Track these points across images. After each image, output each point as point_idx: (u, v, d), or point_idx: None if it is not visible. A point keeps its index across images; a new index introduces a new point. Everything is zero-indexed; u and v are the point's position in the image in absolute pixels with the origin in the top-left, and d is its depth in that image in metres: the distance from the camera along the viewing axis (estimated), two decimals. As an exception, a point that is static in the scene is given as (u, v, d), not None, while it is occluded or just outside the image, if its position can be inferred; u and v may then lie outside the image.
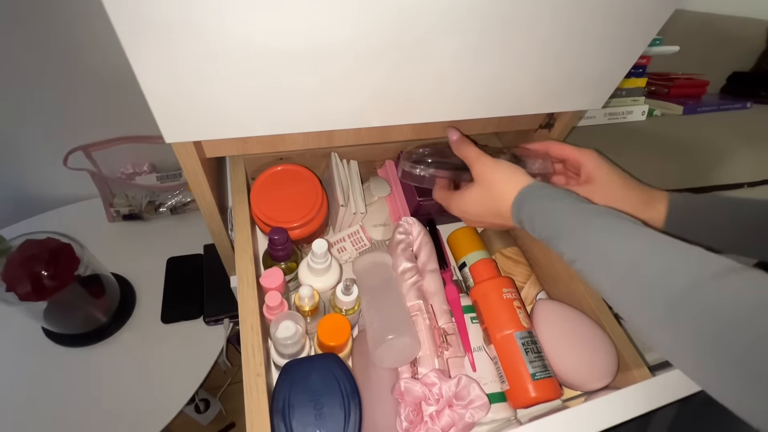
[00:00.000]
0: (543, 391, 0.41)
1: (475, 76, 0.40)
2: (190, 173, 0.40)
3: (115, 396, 0.73)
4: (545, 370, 0.42)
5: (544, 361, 0.43)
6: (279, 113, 0.36)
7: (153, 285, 0.87)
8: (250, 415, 0.34)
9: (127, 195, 0.93)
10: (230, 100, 0.34)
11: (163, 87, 0.30)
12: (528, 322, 0.45)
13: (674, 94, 0.92)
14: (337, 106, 0.38)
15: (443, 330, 0.45)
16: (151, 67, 0.29)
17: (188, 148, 0.37)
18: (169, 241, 0.93)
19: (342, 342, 0.40)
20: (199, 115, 0.33)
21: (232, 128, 0.36)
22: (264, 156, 0.53)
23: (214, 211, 0.46)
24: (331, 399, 0.36)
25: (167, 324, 0.83)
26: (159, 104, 0.31)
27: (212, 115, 0.34)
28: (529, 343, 0.44)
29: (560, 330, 0.45)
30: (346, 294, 0.42)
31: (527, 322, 0.45)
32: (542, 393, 0.41)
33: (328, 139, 0.45)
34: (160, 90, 0.30)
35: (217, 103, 0.33)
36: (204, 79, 0.32)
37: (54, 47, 0.71)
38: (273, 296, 0.39)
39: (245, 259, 0.43)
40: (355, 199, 0.53)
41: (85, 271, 0.71)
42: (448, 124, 0.48)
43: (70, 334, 0.79)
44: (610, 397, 0.29)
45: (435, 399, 0.39)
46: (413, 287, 0.48)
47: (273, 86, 0.34)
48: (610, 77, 0.45)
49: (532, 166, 0.49)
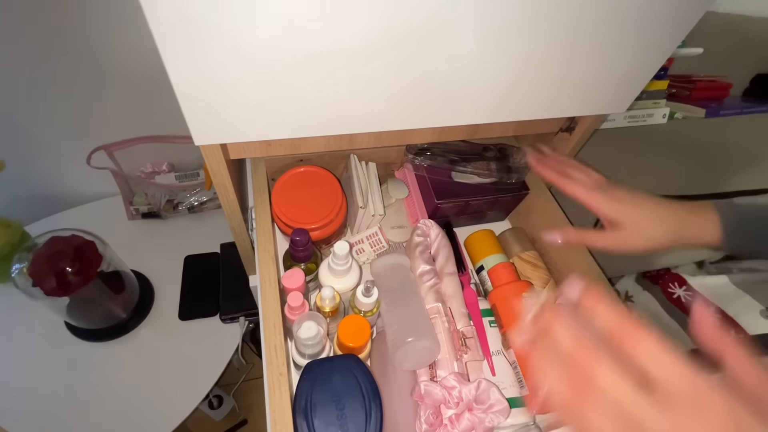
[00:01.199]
0: None
1: (499, 80, 0.40)
2: (216, 174, 0.40)
3: (132, 391, 0.74)
4: None
5: None
6: (305, 117, 0.37)
7: (171, 282, 0.89)
8: (273, 414, 0.35)
9: (147, 194, 0.95)
10: (258, 103, 0.34)
11: (195, 90, 0.31)
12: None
13: (696, 96, 0.90)
14: (361, 109, 0.38)
15: (462, 333, 0.45)
16: (184, 70, 0.30)
17: (215, 150, 0.38)
18: (187, 240, 0.95)
19: (362, 343, 0.41)
20: (228, 119, 0.34)
21: (259, 131, 0.36)
22: (284, 158, 0.54)
23: (236, 211, 0.47)
24: (352, 400, 0.36)
25: (184, 321, 0.84)
26: (191, 107, 0.32)
27: (240, 118, 0.34)
28: None
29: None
30: (367, 296, 0.43)
31: None
32: None
33: (350, 141, 0.46)
34: (193, 93, 0.31)
35: (246, 106, 0.34)
36: (233, 83, 0.32)
37: (80, 50, 0.73)
38: (295, 297, 0.40)
39: (267, 260, 0.43)
40: (373, 200, 0.54)
41: (108, 267, 0.73)
42: (469, 126, 0.48)
43: (91, 329, 0.81)
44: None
45: (455, 402, 0.39)
46: (431, 290, 0.49)
47: (299, 89, 0.35)
48: (636, 81, 0.45)
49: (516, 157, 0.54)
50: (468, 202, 0.56)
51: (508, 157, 0.58)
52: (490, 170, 0.57)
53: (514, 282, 0.49)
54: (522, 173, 0.57)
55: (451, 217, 0.60)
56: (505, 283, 0.49)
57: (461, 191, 0.56)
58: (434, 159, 0.55)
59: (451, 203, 0.55)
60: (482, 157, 0.57)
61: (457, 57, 0.36)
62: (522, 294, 0.47)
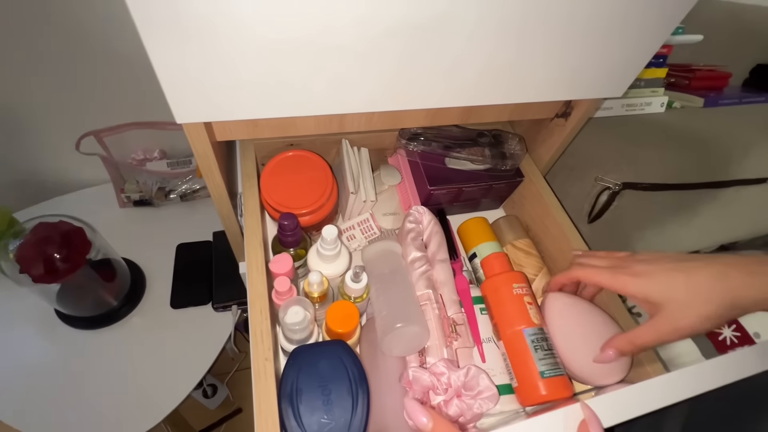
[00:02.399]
0: (553, 389, 0.40)
1: (492, 61, 0.39)
2: (201, 156, 0.39)
3: (123, 378, 0.74)
4: (556, 368, 0.41)
5: (555, 358, 0.42)
6: (290, 95, 0.36)
7: (163, 270, 0.88)
8: (259, 399, 0.34)
9: (138, 181, 0.93)
10: (242, 80, 0.33)
11: (174, 65, 0.30)
12: (539, 318, 0.45)
13: (695, 86, 0.89)
14: (350, 88, 0.37)
15: (453, 320, 0.45)
16: (162, 45, 0.29)
17: (199, 129, 0.37)
18: (179, 228, 0.94)
19: (350, 329, 0.40)
20: (211, 96, 0.33)
21: (244, 110, 0.35)
22: (274, 142, 0.53)
23: (224, 196, 0.46)
24: (339, 385, 0.35)
25: (176, 309, 0.84)
26: (170, 83, 0.31)
27: (224, 95, 0.33)
28: (539, 339, 0.43)
29: (573, 323, 0.44)
30: (356, 281, 0.42)
31: (538, 318, 0.44)
32: (552, 391, 0.40)
33: (340, 124, 0.45)
34: (172, 68, 0.30)
35: (229, 83, 0.33)
36: (215, 59, 0.31)
37: (68, 32, 0.72)
38: (282, 281, 0.39)
39: (255, 244, 0.42)
40: (365, 186, 0.53)
41: (97, 254, 0.72)
42: (462, 109, 0.47)
43: (82, 317, 0.80)
44: (623, 391, 0.28)
45: (443, 388, 0.39)
46: (423, 276, 0.48)
47: (285, 67, 0.33)
48: (632, 65, 0.44)
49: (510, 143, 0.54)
50: (461, 189, 0.56)
51: (502, 144, 0.57)
52: (484, 156, 0.56)
53: (506, 273, 0.48)
54: (517, 160, 0.56)
55: (444, 204, 0.59)
56: (497, 274, 0.48)
57: (455, 178, 0.55)
58: (427, 144, 0.54)
59: (445, 189, 0.55)
60: (476, 143, 0.56)
61: (450, 37, 0.35)
62: (513, 285, 0.47)
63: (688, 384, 0.28)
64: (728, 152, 0.70)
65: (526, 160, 0.59)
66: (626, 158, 0.61)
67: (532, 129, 0.60)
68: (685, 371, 0.29)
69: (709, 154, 0.69)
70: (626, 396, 0.28)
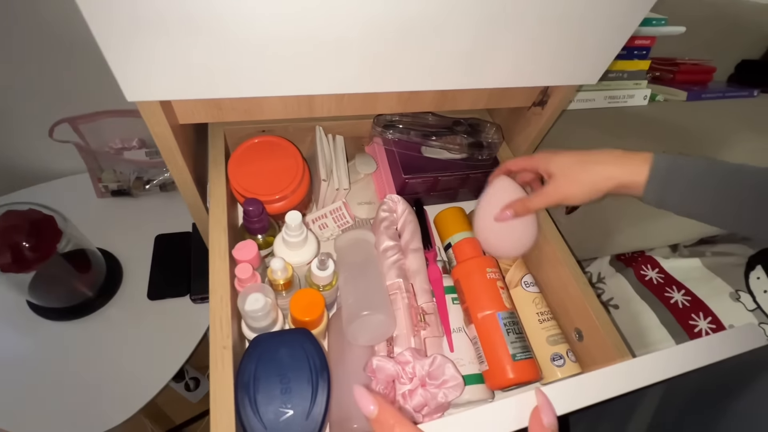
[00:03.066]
0: (521, 372, 0.40)
1: (466, 45, 0.38)
2: (160, 138, 0.38)
3: (99, 370, 0.73)
4: (525, 351, 0.41)
5: (524, 342, 0.42)
6: (251, 73, 0.34)
7: (140, 262, 0.87)
8: (214, 388, 0.33)
9: (115, 170, 0.91)
10: (194, 56, 0.32)
11: (119, 38, 0.28)
12: (510, 302, 0.44)
13: (679, 79, 0.89)
14: (315, 67, 0.36)
15: (422, 309, 0.44)
16: (105, 16, 0.27)
17: (155, 110, 0.35)
18: (158, 219, 0.92)
19: (315, 317, 0.39)
20: (162, 72, 0.31)
21: (199, 88, 0.34)
22: (245, 128, 0.51)
23: (188, 182, 0.44)
24: (299, 374, 0.35)
25: (154, 301, 0.82)
26: (116, 57, 0.29)
27: (176, 72, 0.32)
28: (511, 323, 0.43)
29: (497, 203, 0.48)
30: (321, 269, 0.41)
31: (510, 303, 0.44)
32: (520, 374, 0.40)
33: (309, 107, 0.44)
34: (117, 42, 0.28)
35: (181, 59, 0.31)
36: (164, 32, 0.30)
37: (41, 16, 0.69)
38: (244, 268, 0.38)
39: (218, 230, 0.41)
40: (338, 174, 0.52)
41: (67, 244, 0.70)
42: (436, 93, 0.46)
43: (56, 308, 0.78)
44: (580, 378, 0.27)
45: (408, 378, 0.38)
46: (394, 266, 0.47)
47: (243, 42, 0.32)
48: (606, 50, 0.43)
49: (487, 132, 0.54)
50: (437, 178, 0.55)
51: (479, 133, 0.56)
52: (460, 145, 0.55)
53: (478, 257, 0.47)
54: (494, 149, 0.56)
55: (421, 193, 0.58)
56: (469, 258, 0.48)
57: (431, 167, 0.54)
58: (403, 133, 0.53)
59: (420, 179, 0.54)
60: (453, 132, 0.55)
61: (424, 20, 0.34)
62: (486, 269, 0.46)
63: (645, 371, 0.28)
64: (709, 146, 0.70)
65: (504, 150, 0.59)
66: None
67: (509, 118, 0.59)
68: (643, 359, 0.28)
69: (690, 146, 0.69)
70: (583, 383, 0.27)
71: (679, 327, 0.61)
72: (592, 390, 0.27)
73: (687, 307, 0.62)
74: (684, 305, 0.63)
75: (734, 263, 0.67)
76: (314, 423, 0.33)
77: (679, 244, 0.74)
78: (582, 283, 0.46)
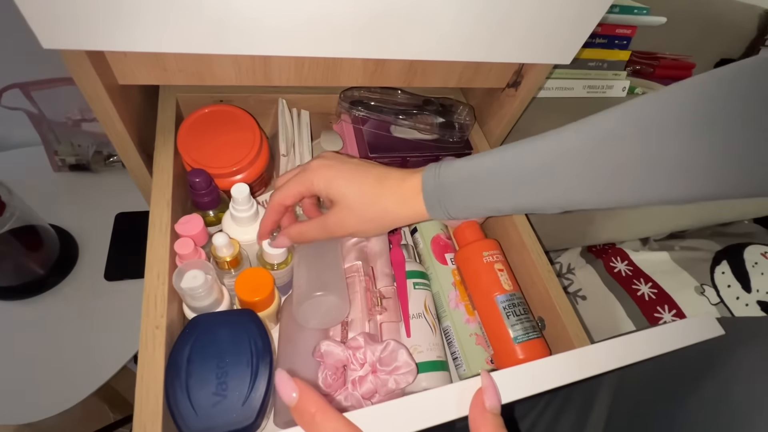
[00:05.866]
0: (529, 352, 0.39)
1: (436, 9, 0.35)
2: (92, 99, 0.34)
3: (50, 350, 0.69)
4: (527, 332, 0.40)
5: (529, 322, 0.41)
6: (192, 25, 0.31)
7: (99, 241, 0.82)
8: (142, 370, 0.30)
9: (73, 143, 0.86)
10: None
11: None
12: (511, 284, 0.43)
13: (659, 74, 0.88)
14: (264, 23, 0.32)
15: (380, 293, 0.42)
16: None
17: (83, 64, 0.31)
18: (119, 196, 0.87)
19: (262, 297, 0.37)
20: (86, 13, 0.28)
21: (130, 39, 0.30)
22: (201, 96, 0.48)
23: (130, 149, 0.41)
24: (238, 358, 0.32)
25: (111, 282, 0.78)
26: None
27: (103, 14, 0.28)
28: (511, 305, 0.42)
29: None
30: (273, 246, 0.38)
31: (509, 284, 0.43)
32: (529, 354, 0.39)
33: (265, 74, 0.40)
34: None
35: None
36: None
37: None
38: (184, 243, 0.35)
39: (161, 202, 0.38)
40: (301, 150, 0.49)
41: (12, 218, 0.65)
42: (404, 66, 0.44)
43: (3, 287, 0.73)
44: (533, 364, 0.26)
45: (359, 363, 0.36)
46: (355, 247, 0.45)
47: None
48: (579, 28, 0.41)
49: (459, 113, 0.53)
50: (406, 159, 0.52)
51: (451, 113, 0.54)
52: (431, 125, 0.52)
53: (476, 242, 0.46)
54: (465, 131, 0.54)
55: (389, 175, 0.56)
56: (467, 243, 0.46)
57: (399, 147, 0.52)
58: (371, 110, 0.51)
59: (387, 159, 0.51)
60: (423, 111, 0.52)
61: None
62: (482, 253, 0.45)
63: (599, 358, 0.26)
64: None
65: (477, 133, 0.57)
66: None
67: (483, 101, 0.57)
68: (595, 346, 0.27)
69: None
70: (532, 370, 0.26)
71: (644, 319, 0.61)
72: (541, 378, 0.25)
73: (653, 299, 0.62)
74: (650, 298, 0.63)
75: (701, 258, 0.68)
76: (251, 409, 0.30)
77: (649, 238, 0.74)
78: (546, 270, 0.44)
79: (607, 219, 0.69)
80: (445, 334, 0.46)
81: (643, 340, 0.27)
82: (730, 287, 0.63)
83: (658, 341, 0.28)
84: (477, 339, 0.43)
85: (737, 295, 0.62)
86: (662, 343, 0.28)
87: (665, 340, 0.28)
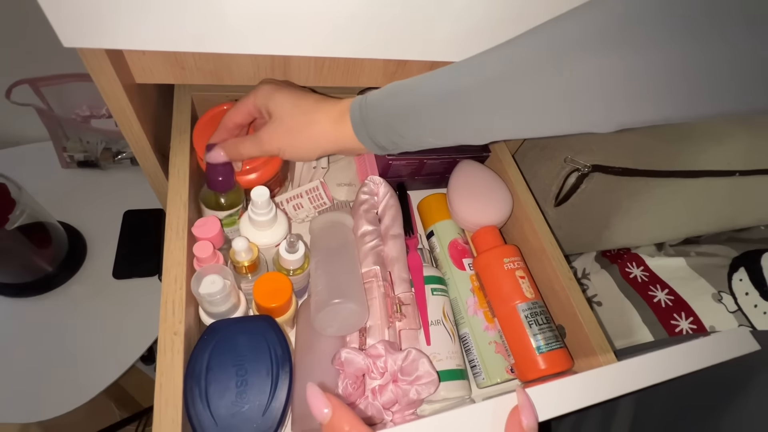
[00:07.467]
0: (552, 362, 0.38)
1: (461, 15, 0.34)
2: (110, 98, 0.33)
3: (59, 348, 0.69)
4: (550, 342, 0.40)
5: (551, 332, 0.40)
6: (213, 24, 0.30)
7: (107, 238, 0.82)
8: (161, 378, 0.30)
9: (82, 139, 0.85)
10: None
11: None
12: (533, 291, 0.42)
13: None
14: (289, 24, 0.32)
15: (399, 299, 0.41)
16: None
17: (102, 62, 0.31)
18: (128, 193, 0.87)
19: (280, 303, 0.36)
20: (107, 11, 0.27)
21: (151, 37, 0.29)
22: (216, 95, 0.47)
23: (147, 150, 0.40)
24: (257, 365, 0.31)
25: (119, 279, 0.78)
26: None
27: (125, 13, 0.27)
28: (534, 314, 0.41)
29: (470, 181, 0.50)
30: (290, 251, 0.38)
31: (531, 292, 0.42)
32: (551, 365, 0.38)
33: (284, 73, 0.39)
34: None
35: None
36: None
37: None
38: (203, 247, 0.34)
39: (177, 204, 0.37)
40: (316, 151, 0.48)
41: (22, 214, 0.65)
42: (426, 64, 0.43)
43: (11, 284, 0.73)
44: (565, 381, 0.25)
45: (380, 372, 0.35)
46: (372, 252, 0.44)
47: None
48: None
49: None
50: (423, 161, 0.51)
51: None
52: (449, 128, 0.51)
53: (496, 247, 0.45)
54: (484, 134, 0.52)
55: (405, 177, 0.55)
56: (487, 249, 0.45)
57: (416, 149, 0.51)
58: None
59: (404, 161, 0.50)
60: (441, 113, 0.51)
61: None
62: (503, 260, 0.44)
63: (635, 375, 0.25)
64: (700, 140, 0.68)
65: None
66: (598, 140, 0.58)
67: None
68: (630, 362, 0.26)
69: (681, 140, 0.67)
70: (569, 386, 0.25)
71: (660, 326, 0.60)
72: (577, 394, 0.24)
73: (669, 306, 0.61)
74: (667, 304, 0.62)
75: (718, 264, 0.66)
76: (271, 419, 0.30)
77: (665, 243, 0.73)
78: (568, 278, 0.43)
79: (622, 223, 0.68)
80: (463, 342, 0.45)
81: (681, 354, 0.26)
82: (747, 295, 0.62)
83: (695, 356, 0.27)
84: (497, 347, 0.43)
85: (755, 303, 0.61)
86: (700, 358, 0.27)
87: (702, 355, 0.27)
